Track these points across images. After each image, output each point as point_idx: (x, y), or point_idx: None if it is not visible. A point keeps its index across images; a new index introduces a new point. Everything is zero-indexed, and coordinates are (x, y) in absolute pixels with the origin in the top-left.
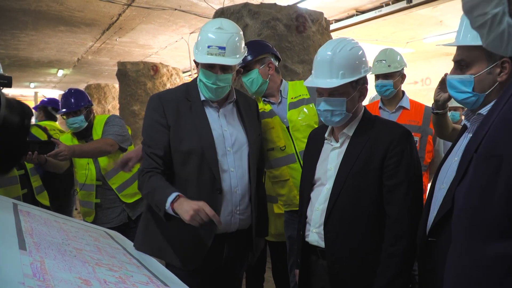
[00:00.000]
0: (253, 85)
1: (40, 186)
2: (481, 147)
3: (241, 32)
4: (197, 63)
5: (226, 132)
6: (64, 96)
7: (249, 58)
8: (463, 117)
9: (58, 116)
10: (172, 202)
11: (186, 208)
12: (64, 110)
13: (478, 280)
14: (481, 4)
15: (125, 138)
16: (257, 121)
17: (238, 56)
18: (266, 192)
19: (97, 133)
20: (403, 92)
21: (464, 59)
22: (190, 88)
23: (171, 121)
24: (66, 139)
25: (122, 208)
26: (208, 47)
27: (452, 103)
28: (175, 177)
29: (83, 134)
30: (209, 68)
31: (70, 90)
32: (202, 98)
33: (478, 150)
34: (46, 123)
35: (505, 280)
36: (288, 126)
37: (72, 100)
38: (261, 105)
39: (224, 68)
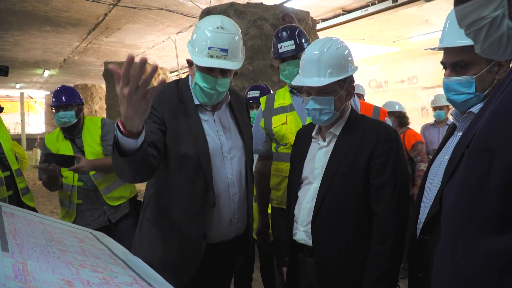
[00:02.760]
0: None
1: (25, 187)
2: (473, 142)
3: (240, 31)
4: (190, 63)
5: (222, 137)
6: (56, 91)
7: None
8: (449, 116)
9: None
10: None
11: (127, 112)
12: (55, 103)
13: (471, 278)
14: (478, 9)
15: None
16: (248, 120)
17: (239, 58)
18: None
19: (90, 134)
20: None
21: (464, 60)
22: (182, 90)
23: (166, 117)
24: (51, 137)
25: (103, 211)
26: (209, 48)
27: (437, 103)
28: (168, 183)
29: (70, 131)
30: (208, 71)
31: (63, 86)
32: (196, 102)
33: (470, 145)
34: None
35: (499, 277)
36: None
37: (64, 95)
38: (280, 99)
39: (224, 72)
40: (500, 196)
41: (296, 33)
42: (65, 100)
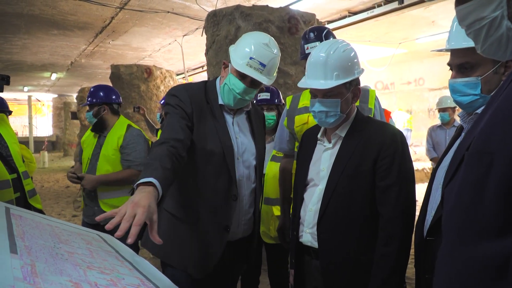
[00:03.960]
0: None
1: (32, 189)
2: (473, 145)
3: (280, 56)
4: (226, 65)
5: (238, 140)
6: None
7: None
8: (457, 118)
9: None
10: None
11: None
12: (87, 102)
13: (469, 280)
14: (478, 9)
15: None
16: (263, 132)
17: (272, 77)
18: (264, 195)
19: (112, 137)
20: None
21: (469, 61)
22: (209, 90)
23: (195, 114)
24: (89, 131)
25: (94, 212)
26: (250, 58)
27: (441, 105)
28: (195, 176)
29: (96, 128)
30: (241, 77)
31: (94, 86)
32: (220, 102)
33: (470, 148)
34: None
35: (496, 280)
36: None
37: (89, 95)
38: (305, 99)
39: (254, 84)
40: (499, 199)
41: (324, 34)
42: (88, 101)
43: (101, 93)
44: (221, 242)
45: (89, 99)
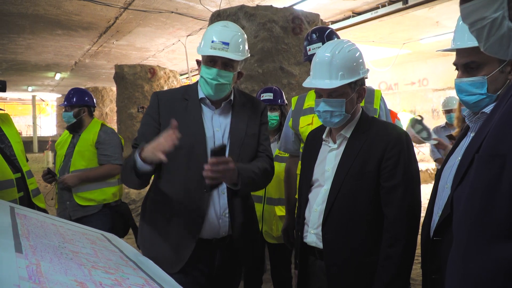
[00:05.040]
0: None
1: (36, 189)
2: (483, 147)
3: (245, 36)
4: (199, 63)
5: (218, 132)
6: (67, 92)
7: None
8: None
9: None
10: (140, 155)
11: (149, 150)
12: (62, 104)
13: (482, 283)
14: (480, 9)
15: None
16: (256, 124)
17: (241, 53)
18: (266, 195)
19: (86, 135)
20: None
21: (475, 60)
22: (189, 89)
23: (163, 118)
24: (65, 132)
25: (65, 206)
26: (212, 41)
27: (448, 106)
28: (163, 170)
29: (72, 128)
30: (211, 63)
31: (73, 88)
32: (201, 95)
33: (480, 150)
34: None
35: (508, 283)
36: None
37: (67, 98)
38: (310, 100)
39: (226, 64)
40: (511, 202)
41: (326, 35)
42: (66, 102)
43: (86, 97)
44: (194, 236)
45: (73, 100)
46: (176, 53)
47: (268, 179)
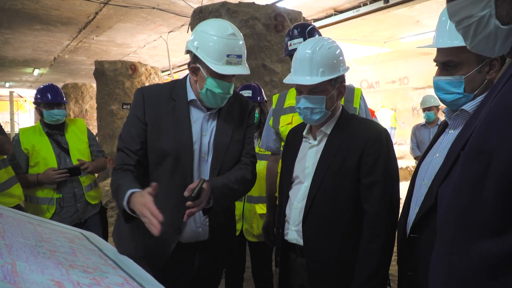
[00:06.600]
0: None
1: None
2: (469, 144)
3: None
4: (195, 68)
5: (205, 137)
6: (50, 87)
7: None
8: (441, 117)
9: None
10: (128, 202)
11: (137, 207)
12: (51, 100)
13: (467, 280)
14: (467, 7)
15: None
16: (242, 125)
17: (245, 63)
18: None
19: (75, 134)
20: None
21: (453, 60)
22: (177, 87)
23: (149, 117)
24: (27, 132)
25: (76, 209)
26: (228, 56)
27: (425, 104)
28: (149, 177)
29: (59, 128)
30: (223, 77)
31: (52, 84)
32: (191, 97)
33: (466, 147)
34: None
35: (493, 279)
36: None
37: (57, 94)
38: (291, 99)
39: (234, 76)
40: (496, 199)
41: (307, 31)
42: (60, 98)
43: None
44: (169, 244)
45: (60, 97)
46: (157, 50)
47: (248, 187)
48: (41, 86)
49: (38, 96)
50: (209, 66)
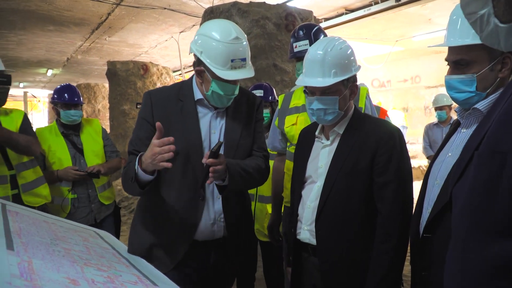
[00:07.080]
0: None
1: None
2: (483, 144)
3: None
4: (200, 71)
5: (214, 135)
6: (67, 87)
7: None
8: (454, 116)
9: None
10: (140, 165)
11: (147, 153)
12: (68, 101)
13: (481, 279)
14: (472, 3)
15: None
16: (250, 121)
17: (251, 64)
18: (258, 193)
19: (90, 134)
20: None
21: (465, 58)
22: (184, 87)
23: (158, 119)
24: (44, 132)
25: (90, 209)
26: (232, 61)
27: (438, 103)
28: (160, 178)
29: (75, 128)
30: (228, 80)
31: (70, 85)
32: (198, 97)
33: (480, 148)
34: None
35: (509, 280)
36: None
37: (75, 94)
38: (296, 99)
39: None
40: (510, 200)
41: (313, 32)
42: (77, 99)
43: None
44: (186, 241)
45: (77, 98)
46: (169, 50)
47: (263, 177)
48: (58, 86)
49: (56, 96)
50: (214, 72)
